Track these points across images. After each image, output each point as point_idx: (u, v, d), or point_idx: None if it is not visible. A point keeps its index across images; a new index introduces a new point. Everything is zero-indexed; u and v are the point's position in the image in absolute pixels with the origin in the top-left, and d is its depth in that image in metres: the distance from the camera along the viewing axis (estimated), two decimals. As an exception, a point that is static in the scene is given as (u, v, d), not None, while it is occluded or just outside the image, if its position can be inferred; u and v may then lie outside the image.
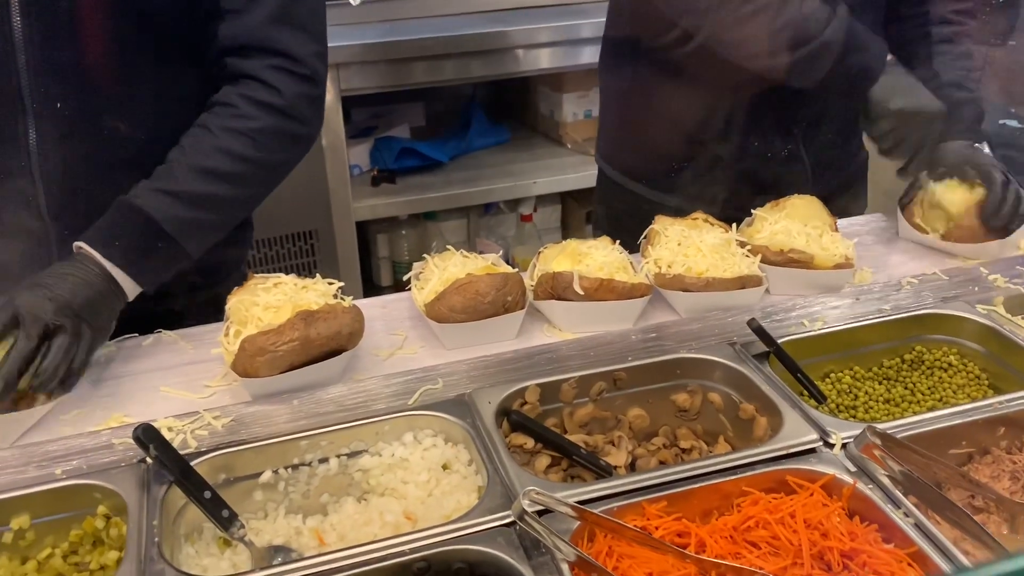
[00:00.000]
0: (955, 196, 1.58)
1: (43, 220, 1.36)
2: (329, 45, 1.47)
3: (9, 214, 1.35)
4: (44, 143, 1.31)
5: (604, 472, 1.17)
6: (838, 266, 1.45)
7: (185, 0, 1.33)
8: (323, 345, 1.24)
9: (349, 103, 2.93)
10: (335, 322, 1.24)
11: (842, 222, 1.68)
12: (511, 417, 1.20)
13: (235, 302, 1.31)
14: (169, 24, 1.34)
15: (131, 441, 1.09)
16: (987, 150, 1.65)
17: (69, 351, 1.18)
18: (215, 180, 1.33)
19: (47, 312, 1.17)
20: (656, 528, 1.03)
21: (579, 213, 3.25)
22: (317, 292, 1.31)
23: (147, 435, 1.06)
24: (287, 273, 1.35)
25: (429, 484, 1.14)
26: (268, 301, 1.28)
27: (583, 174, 2.99)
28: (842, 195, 1.82)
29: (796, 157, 1.77)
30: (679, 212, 1.58)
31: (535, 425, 1.20)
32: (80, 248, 1.27)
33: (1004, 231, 1.55)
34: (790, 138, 1.75)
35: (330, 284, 1.34)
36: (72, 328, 1.19)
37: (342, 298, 1.33)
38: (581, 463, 1.18)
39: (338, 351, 1.26)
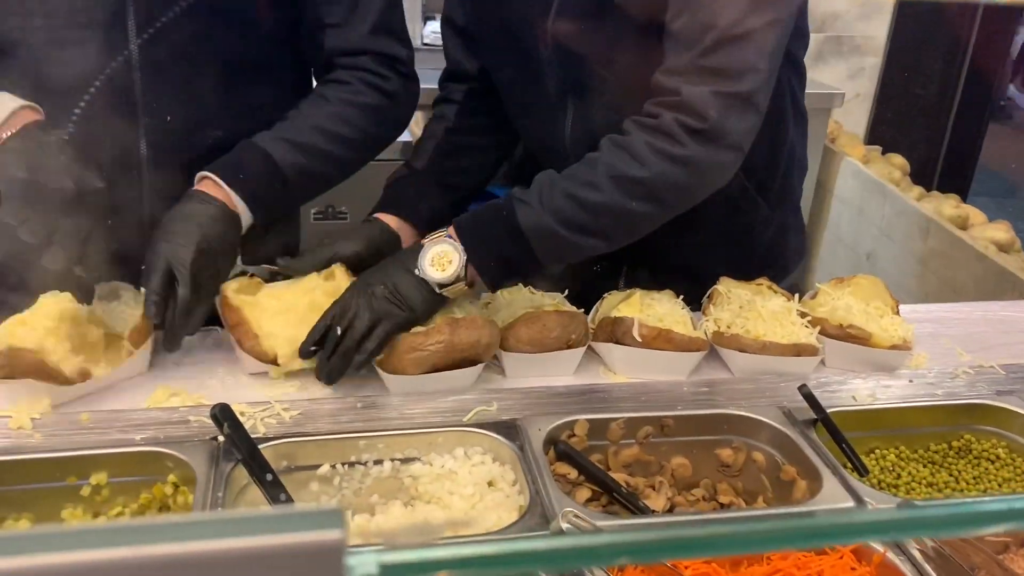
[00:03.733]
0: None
1: (143, 219, 1.47)
2: (426, 86, 1.62)
3: (118, 218, 1.47)
4: (155, 155, 1.43)
5: (641, 513, 1.21)
6: (895, 347, 1.48)
7: (291, 16, 1.48)
8: (464, 351, 1.33)
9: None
10: (476, 331, 1.33)
11: (905, 308, 1.70)
12: (558, 447, 1.26)
13: None
14: (275, 38, 1.49)
15: (206, 419, 1.18)
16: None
17: (210, 292, 1.33)
18: (330, 139, 1.48)
19: (189, 258, 1.30)
20: (686, 568, 1.06)
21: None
22: (459, 308, 1.41)
23: (223, 414, 1.15)
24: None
25: (473, 498, 1.20)
26: None
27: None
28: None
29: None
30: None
31: (580, 458, 1.25)
32: (204, 178, 1.39)
33: None
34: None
35: (471, 303, 1.45)
36: (210, 270, 1.33)
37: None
38: (620, 501, 1.22)
39: (474, 360, 1.35)
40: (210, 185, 1.39)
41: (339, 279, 1.39)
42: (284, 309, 1.36)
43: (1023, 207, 4.30)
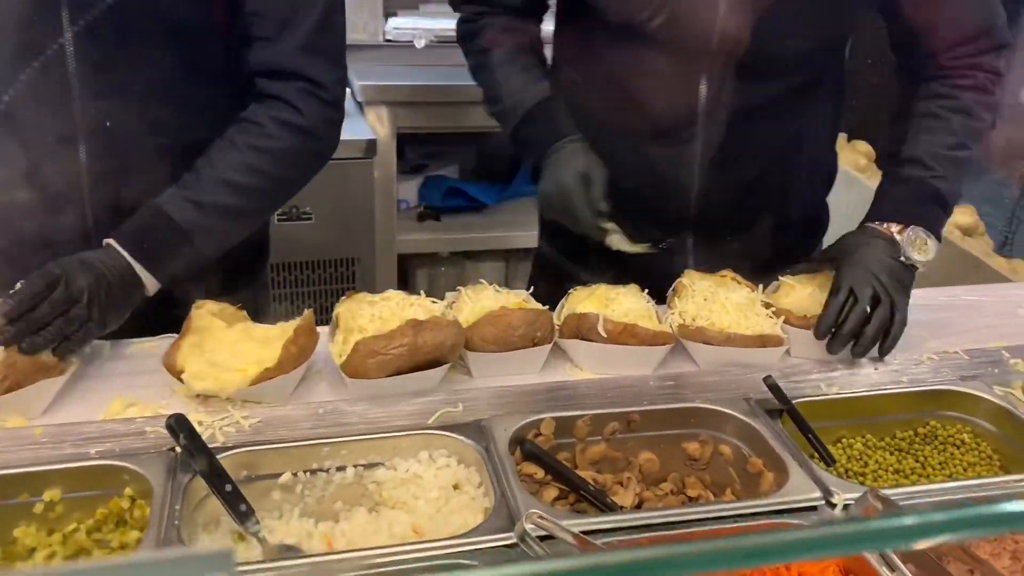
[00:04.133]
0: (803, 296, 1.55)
1: (87, 230, 1.45)
2: (390, 83, 1.60)
3: (58, 224, 1.45)
4: (94, 161, 1.41)
5: (609, 510, 1.20)
6: (860, 335, 1.48)
7: (222, 26, 1.43)
8: (428, 353, 1.31)
9: (403, 140, 3.04)
10: (440, 333, 1.31)
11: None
12: (524, 447, 1.24)
13: (344, 311, 1.40)
14: (206, 48, 1.44)
15: (162, 430, 1.15)
16: (905, 250, 1.50)
17: (79, 320, 1.27)
18: (237, 192, 1.43)
19: (83, 281, 1.27)
20: (653, 565, 1.05)
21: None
22: (423, 309, 1.39)
23: (179, 425, 1.12)
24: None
25: (439, 501, 1.18)
26: (374, 312, 1.37)
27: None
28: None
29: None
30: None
31: (547, 457, 1.24)
32: (109, 244, 1.37)
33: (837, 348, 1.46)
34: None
35: (434, 303, 1.42)
36: (84, 305, 1.28)
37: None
38: (588, 499, 1.21)
39: (439, 362, 1.33)
40: (115, 252, 1.36)
41: (307, 320, 1.36)
42: (242, 340, 1.33)
43: (986, 191, 4.35)
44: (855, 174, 3.22)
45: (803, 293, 1.54)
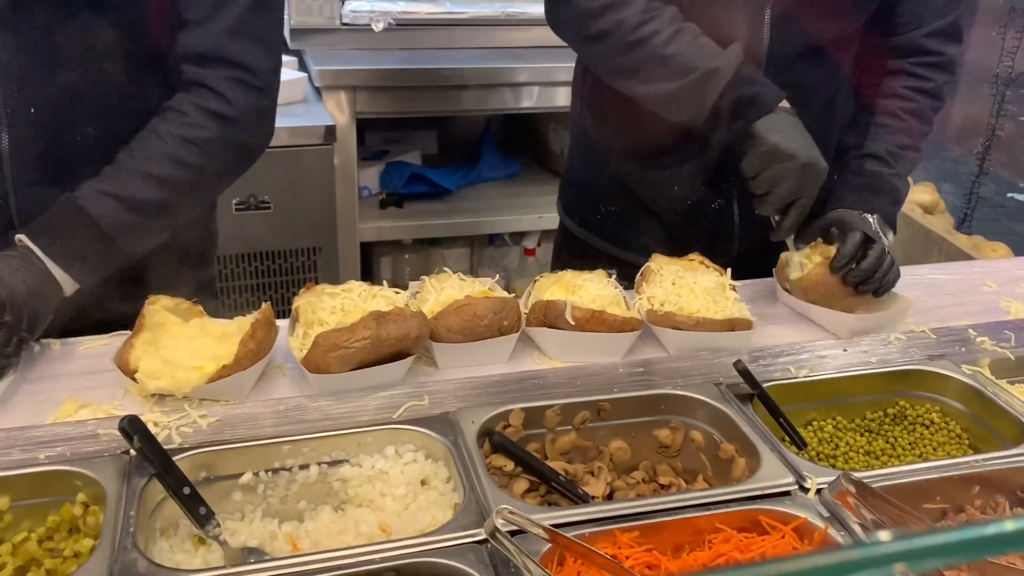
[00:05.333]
0: (811, 256, 1.57)
1: (11, 219, 1.39)
2: (348, 68, 1.50)
3: None
4: (19, 147, 1.34)
5: (581, 501, 1.18)
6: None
7: (154, 10, 1.36)
8: (392, 346, 1.27)
9: (363, 126, 2.99)
10: (404, 325, 1.27)
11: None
12: (493, 439, 1.22)
13: (304, 304, 1.35)
14: (138, 30, 1.37)
15: (116, 432, 1.11)
16: (874, 221, 1.59)
17: (9, 340, 1.22)
18: (159, 186, 1.36)
19: (6, 286, 1.21)
20: (627, 557, 1.04)
21: (582, 251, 3.27)
22: (386, 300, 1.34)
23: (132, 427, 1.08)
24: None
25: (406, 498, 1.15)
26: (335, 305, 1.33)
27: (588, 212, 3.02)
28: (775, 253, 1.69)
29: (726, 212, 1.75)
30: (626, 265, 1.59)
31: (516, 448, 1.21)
32: (21, 240, 1.30)
33: (855, 289, 1.49)
34: (720, 193, 1.72)
35: (397, 293, 1.37)
36: (14, 318, 1.22)
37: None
38: (559, 490, 1.19)
39: (404, 353, 1.30)
40: (26, 248, 1.29)
41: (265, 314, 1.31)
42: (198, 336, 1.28)
43: (944, 169, 4.39)
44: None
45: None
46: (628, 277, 1.56)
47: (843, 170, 1.66)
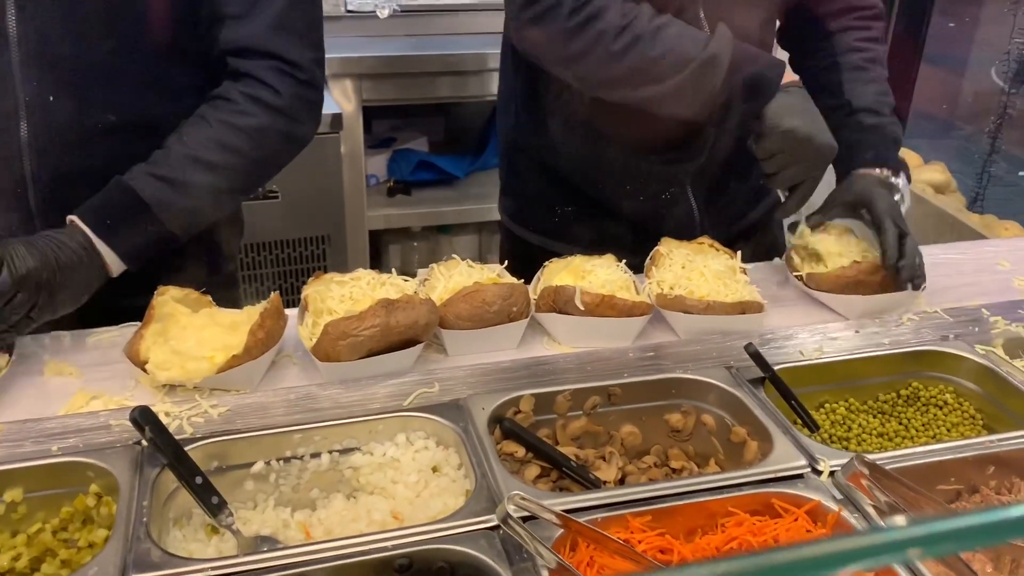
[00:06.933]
0: (831, 244, 1.56)
1: (31, 214, 1.38)
2: (354, 55, 1.49)
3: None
4: (37, 136, 1.33)
5: (592, 486, 1.17)
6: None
7: (186, 5, 1.36)
8: (402, 333, 1.27)
9: (370, 113, 2.97)
10: (413, 312, 1.27)
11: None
12: (504, 425, 1.21)
13: (312, 292, 1.35)
14: (169, 28, 1.37)
15: (127, 423, 1.11)
16: (902, 182, 1.59)
17: (28, 307, 1.22)
18: (207, 170, 1.36)
19: (30, 263, 1.20)
20: (639, 542, 1.03)
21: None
22: (395, 287, 1.34)
23: (144, 417, 1.08)
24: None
25: (418, 485, 1.15)
26: (344, 293, 1.33)
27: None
28: (748, 240, 1.71)
29: (682, 200, 1.71)
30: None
31: (527, 434, 1.21)
32: (72, 221, 1.31)
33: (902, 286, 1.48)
34: (675, 181, 1.70)
35: (406, 280, 1.37)
36: (43, 287, 1.22)
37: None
38: (570, 475, 1.19)
39: (413, 341, 1.29)
40: (76, 229, 1.29)
41: (274, 303, 1.31)
42: (207, 326, 1.28)
43: (955, 148, 4.35)
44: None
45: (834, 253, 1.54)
46: None
47: (842, 128, 1.60)
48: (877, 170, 1.58)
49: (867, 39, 1.70)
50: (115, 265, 1.32)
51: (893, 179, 1.58)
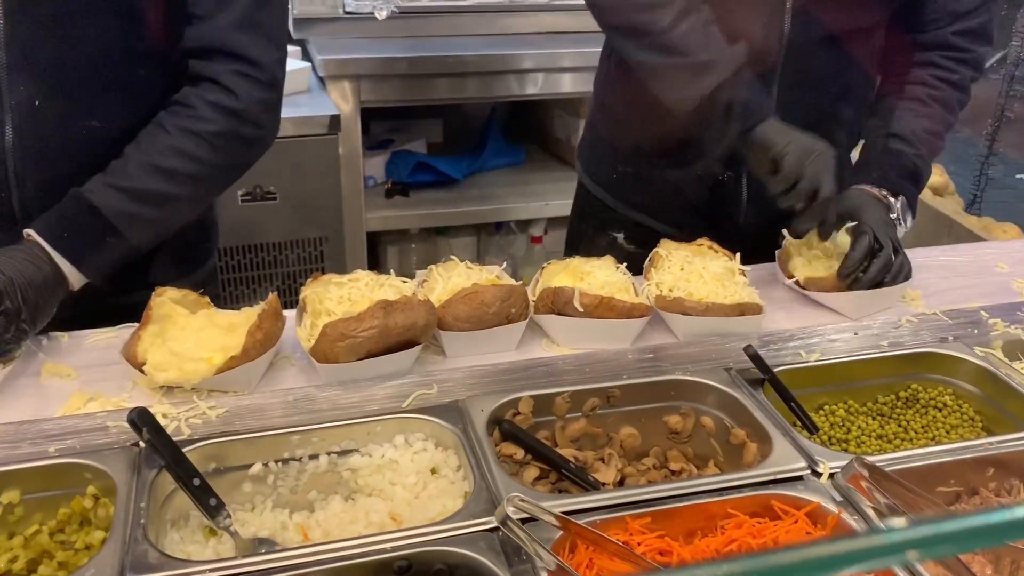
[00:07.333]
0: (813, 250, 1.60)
1: (13, 213, 1.38)
2: (352, 56, 1.48)
3: None
4: (22, 140, 1.33)
5: (592, 488, 1.17)
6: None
7: (160, 4, 1.36)
8: (400, 335, 1.26)
9: (368, 115, 2.97)
10: (412, 313, 1.26)
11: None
12: (502, 426, 1.21)
13: (311, 294, 1.34)
14: (143, 24, 1.36)
15: (125, 424, 1.11)
16: (899, 203, 1.60)
17: (6, 328, 1.22)
18: (166, 178, 1.36)
19: (6, 274, 1.20)
20: (639, 544, 1.03)
21: (589, 238, 3.26)
22: (394, 289, 1.34)
23: (141, 419, 1.08)
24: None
25: (416, 487, 1.15)
26: (343, 294, 1.32)
27: (595, 199, 3.01)
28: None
29: (732, 183, 1.75)
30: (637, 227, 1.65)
31: (526, 436, 1.21)
32: (29, 235, 1.30)
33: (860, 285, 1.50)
34: (730, 164, 1.73)
35: (404, 282, 1.37)
36: (13, 307, 1.21)
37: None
38: (569, 477, 1.19)
39: (412, 342, 1.29)
40: (34, 244, 1.29)
41: (272, 304, 1.31)
42: (205, 327, 1.27)
43: (954, 150, 4.36)
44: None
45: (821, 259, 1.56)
46: (637, 240, 1.72)
47: (870, 149, 1.65)
48: (877, 189, 1.59)
49: (944, 79, 1.67)
50: (75, 279, 1.31)
51: (891, 199, 1.59)
